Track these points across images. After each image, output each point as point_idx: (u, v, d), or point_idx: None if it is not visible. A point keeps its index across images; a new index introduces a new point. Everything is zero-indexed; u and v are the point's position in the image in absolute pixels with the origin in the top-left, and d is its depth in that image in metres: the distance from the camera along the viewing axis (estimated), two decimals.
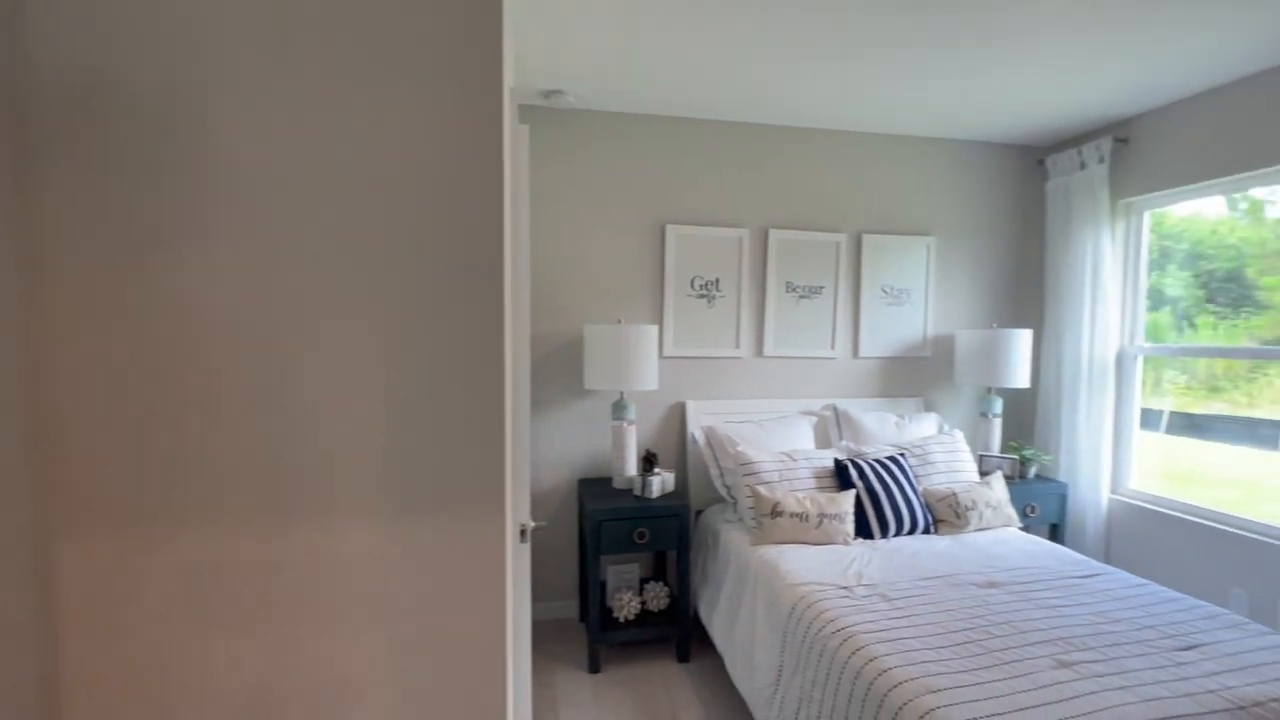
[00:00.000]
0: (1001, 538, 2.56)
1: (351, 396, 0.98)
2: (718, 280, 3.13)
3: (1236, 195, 2.76)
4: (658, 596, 2.81)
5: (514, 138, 1.36)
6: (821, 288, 3.26)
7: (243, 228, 0.94)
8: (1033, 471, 3.18)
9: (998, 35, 2.20)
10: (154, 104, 0.91)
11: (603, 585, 2.94)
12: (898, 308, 3.37)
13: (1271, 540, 2.47)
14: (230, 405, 0.96)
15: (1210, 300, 2.88)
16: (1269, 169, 2.48)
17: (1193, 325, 2.94)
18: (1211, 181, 2.69)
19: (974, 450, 3.34)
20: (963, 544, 2.48)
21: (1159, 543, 2.86)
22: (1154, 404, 3.08)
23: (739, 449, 2.72)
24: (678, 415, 3.14)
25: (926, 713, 1.43)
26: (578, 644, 2.84)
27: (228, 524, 0.97)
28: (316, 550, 0.99)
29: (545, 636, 2.90)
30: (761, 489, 2.54)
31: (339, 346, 0.98)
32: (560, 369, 3.00)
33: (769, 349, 3.20)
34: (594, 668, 2.60)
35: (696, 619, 2.86)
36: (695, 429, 2.99)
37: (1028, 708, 1.43)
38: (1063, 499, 3.08)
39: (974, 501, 2.62)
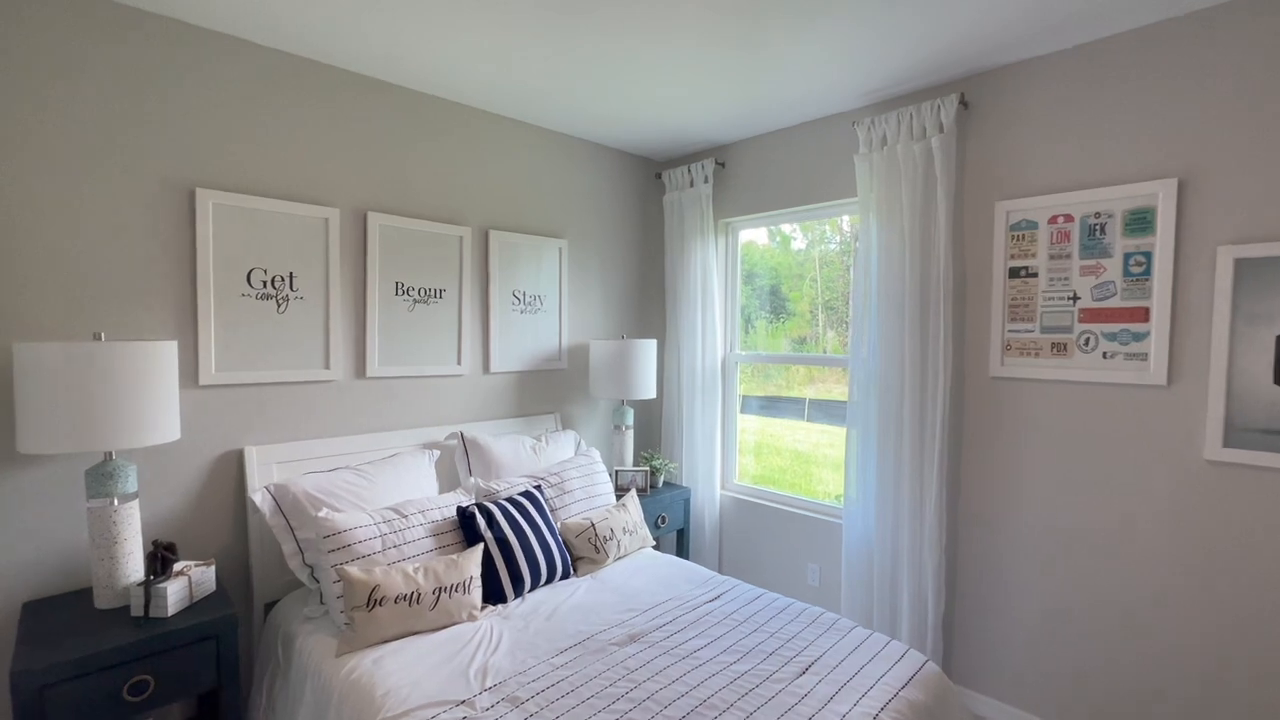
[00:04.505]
0: (639, 564, 2.39)
1: None
2: (291, 276, 2.25)
3: (773, 228, 3.31)
4: None
5: None
6: (443, 291, 2.68)
7: None
8: (662, 480, 3.21)
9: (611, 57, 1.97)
10: None
11: None
12: (531, 315, 3.02)
13: (827, 519, 2.90)
14: None
15: (762, 308, 3.40)
16: (811, 205, 2.90)
17: (754, 328, 3.43)
18: (779, 211, 3.05)
19: (610, 465, 3.22)
20: (602, 584, 2.22)
21: (755, 531, 3.17)
22: (738, 392, 3.47)
23: (322, 514, 1.94)
24: (230, 472, 2.15)
25: None
26: None
27: None
28: None
29: None
30: (354, 569, 1.82)
31: None
32: None
33: (374, 368, 2.46)
34: None
35: None
36: (259, 490, 2.06)
37: None
38: (686, 503, 3.18)
39: (611, 531, 2.40)
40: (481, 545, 2.07)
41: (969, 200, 2.41)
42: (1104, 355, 2.11)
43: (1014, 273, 2.30)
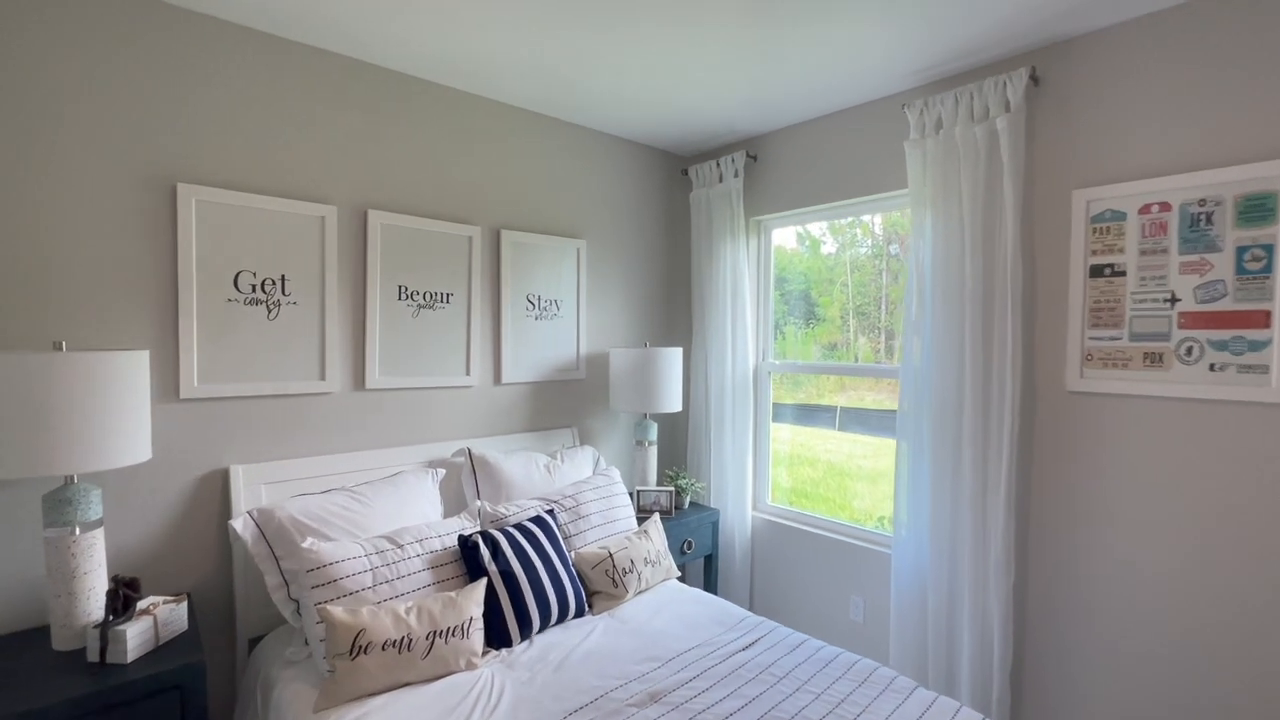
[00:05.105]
0: (662, 600, 2.14)
1: None
2: (283, 279, 2.06)
3: (802, 231, 3.05)
4: None
5: None
6: (451, 295, 2.47)
7: None
8: (688, 501, 2.95)
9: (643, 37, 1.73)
10: None
11: None
12: (547, 322, 2.79)
13: (873, 547, 2.60)
14: None
15: (792, 314, 3.15)
16: (854, 199, 2.61)
17: (783, 334, 3.16)
18: (818, 206, 2.77)
19: (631, 485, 2.98)
20: (621, 624, 1.97)
21: (791, 558, 2.88)
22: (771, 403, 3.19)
23: (308, 544, 1.73)
24: (213, 493, 1.96)
25: None
26: None
27: None
28: None
29: None
30: (338, 610, 1.60)
31: None
32: None
33: (374, 379, 2.26)
34: None
35: None
36: (240, 516, 1.86)
37: None
38: (715, 526, 2.91)
39: (631, 562, 2.15)
40: (484, 580, 1.84)
41: (1041, 189, 2.11)
42: (1211, 367, 1.79)
43: (1096, 271, 1.99)
